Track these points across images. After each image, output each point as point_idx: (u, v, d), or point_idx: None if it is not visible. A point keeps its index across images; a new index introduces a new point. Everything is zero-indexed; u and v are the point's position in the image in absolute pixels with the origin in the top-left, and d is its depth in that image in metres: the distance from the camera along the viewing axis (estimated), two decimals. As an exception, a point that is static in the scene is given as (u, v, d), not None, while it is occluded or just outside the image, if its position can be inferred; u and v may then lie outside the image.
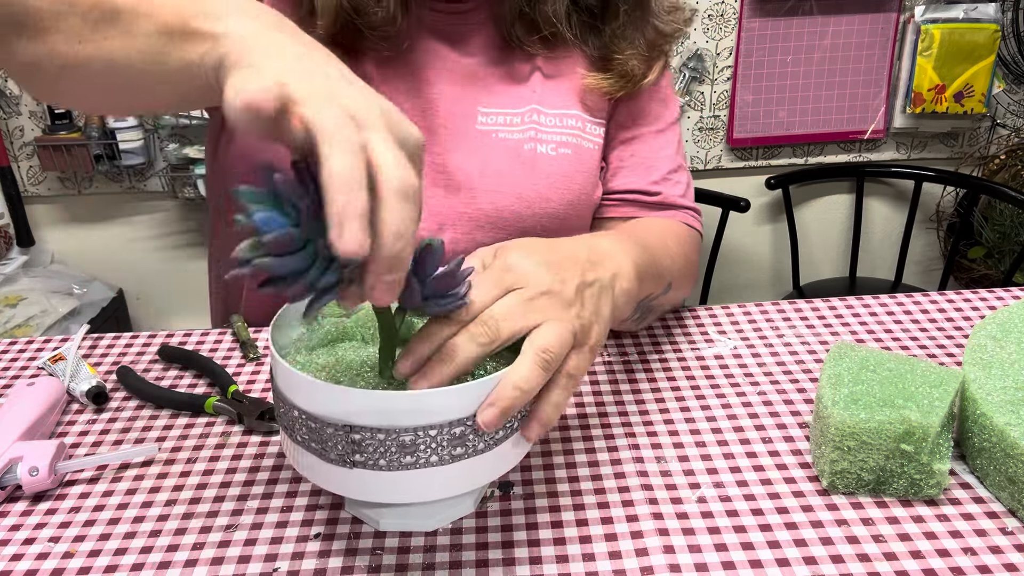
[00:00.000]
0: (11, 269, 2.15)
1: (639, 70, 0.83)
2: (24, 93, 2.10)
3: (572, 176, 0.82)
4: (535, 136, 0.82)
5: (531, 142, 0.81)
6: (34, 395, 0.71)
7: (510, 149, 0.81)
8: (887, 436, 0.59)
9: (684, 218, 0.88)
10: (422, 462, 0.51)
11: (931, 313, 0.85)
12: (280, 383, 0.54)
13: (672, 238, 0.81)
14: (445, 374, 0.52)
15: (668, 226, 0.84)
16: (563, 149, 0.82)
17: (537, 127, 0.82)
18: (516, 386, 0.51)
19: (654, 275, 0.71)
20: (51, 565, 0.57)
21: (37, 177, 2.19)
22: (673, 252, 0.78)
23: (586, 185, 0.83)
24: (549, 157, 0.81)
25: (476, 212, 0.81)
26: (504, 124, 0.82)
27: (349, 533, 0.59)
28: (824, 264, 2.42)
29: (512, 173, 0.81)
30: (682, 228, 0.86)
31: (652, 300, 0.74)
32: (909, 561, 0.55)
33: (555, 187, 0.81)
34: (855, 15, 2.10)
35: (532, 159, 0.81)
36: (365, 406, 0.50)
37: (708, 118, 2.20)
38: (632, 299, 0.65)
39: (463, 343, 0.52)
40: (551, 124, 0.82)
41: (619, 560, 0.56)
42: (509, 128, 0.82)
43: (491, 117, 0.82)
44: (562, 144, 0.82)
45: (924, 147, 2.28)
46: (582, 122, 0.83)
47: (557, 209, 0.81)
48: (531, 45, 0.82)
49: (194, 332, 0.86)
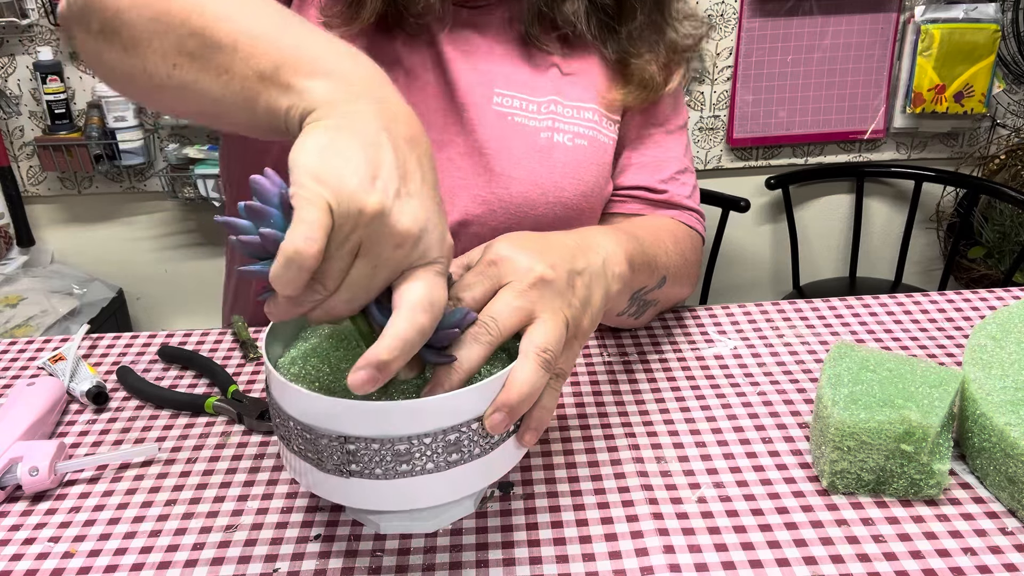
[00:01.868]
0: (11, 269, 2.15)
1: (659, 78, 0.83)
2: (24, 93, 2.10)
3: (587, 167, 0.82)
4: (552, 125, 0.82)
5: (548, 131, 0.82)
6: (34, 395, 0.71)
7: (527, 135, 0.82)
8: (887, 436, 0.59)
9: (686, 219, 0.88)
10: (418, 469, 0.51)
11: (931, 313, 0.86)
12: (275, 394, 0.54)
13: (669, 235, 0.81)
14: (455, 380, 0.52)
15: (666, 224, 0.85)
16: (579, 140, 0.82)
17: (555, 117, 0.82)
18: (522, 390, 0.51)
19: (646, 264, 0.71)
20: (51, 565, 0.57)
21: (37, 177, 2.19)
22: (669, 248, 0.78)
23: (599, 178, 0.83)
24: (565, 147, 0.82)
25: (490, 195, 0.80)
26: (521, 109, 0.82)
27: (349, 534, 0.59)
28: (824, 264, 2.42)
29: (528, 159, 0.81)
30: (681, 228, 0.86)
31: (646, 293, 0.74)
32: (909, 561, 0.55)
33: (570, 176, 0.81)
34: (855, 15, 2.10)
35: (549, 147, 0.81)
36: (359, 416, 0.50)
37: (708, 118, 2.20)
38: (626, 285, 0.65)
39: (467, 346, 0.52)
40: (569, 115, 0.83)
41: (619, 560, 0.56)
42: (526, 114, 0.82)
43: (507, 100, 0.82)
44: (579, 135, 0.82)
45: (924, 147, 2.28)
46: (599, 116, 0.84)
47: (571, 199, 0.82)
48: (549, 44, 0.83)
49: (194, 332, 0.86)
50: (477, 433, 0.52)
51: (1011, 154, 2.25)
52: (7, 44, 2.06)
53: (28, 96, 2.10)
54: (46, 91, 2.03)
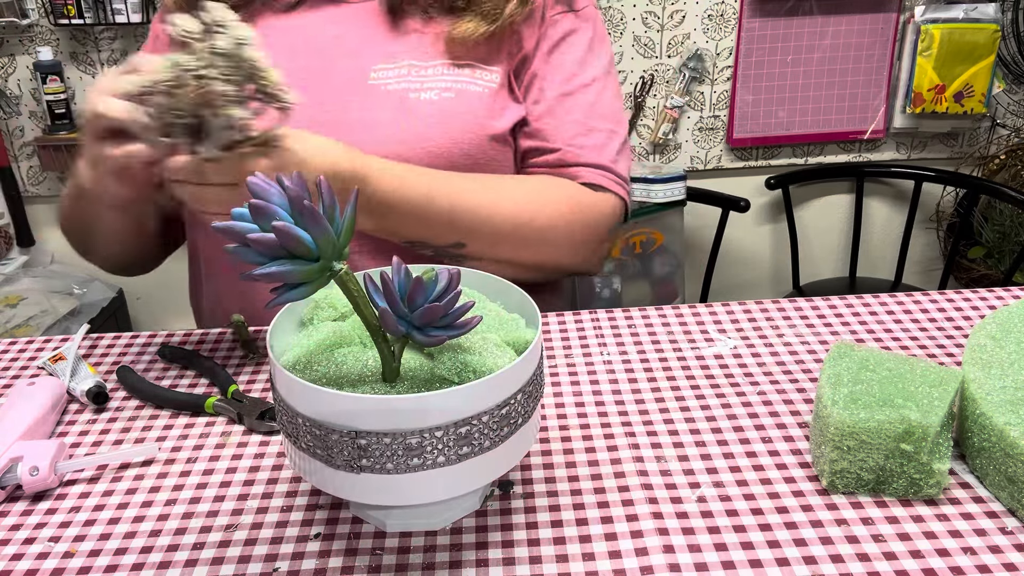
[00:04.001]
0: (11, 269, 2.15)
1: (497, 6, 0.89)
2: (24, 93, 2.10)
3: (453, 115, 0.87)
4: (420, 87, 0.88)
5: (416, 92, 0.88)
6: (34, 395, 0.71)
7: (394, 99, 0.88)
8: (887, 436, 0.59)
9: (588, 176, 0.91)
10: (429, 463, 0.51)
11: (931, 313, 0.86)
12: (282, 391, 0.54)
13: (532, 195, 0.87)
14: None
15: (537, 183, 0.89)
16: (446, 93, 0.88)
17: (420, 79, 0.89)
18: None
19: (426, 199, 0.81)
20: (51, 565, 0.57)
21: (37, 177, 2.19)
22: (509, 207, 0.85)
23: (471, 123, 0.88)
24: (431, 102, 0.88)
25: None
26: (393, 78, 0.89)
27: (349, 533, 0.59)
28: (824, 264, 2.42)
29: (394, 122, 0.87)
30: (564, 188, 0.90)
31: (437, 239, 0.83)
32: (909, 561, 0.55)
33: (435, 126, 0.87)
34: (855, 15, 2.11)
35: (414, 105, 0.88)
36: (370, 410, 0.50)
37: (708, 118, 2.20)
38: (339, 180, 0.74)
39: None
40: (431, 74, 0.89)
41: (619, 560, 0.56)
42: (396, 79, 0.89)
43: (381, 72, 0.90)
44: (445, 89, 0.89)
45: (924, 147, 2.28)
46: (454, 70, 0.90)
47: (440, 145, 0.86)
48: (411, 10, 0.92)
49: (194, 332, 0.86)
50: (487, 426, 0.52)
51: (1011, 154, 2.25)
52: (7, 44, 2.06)
53: (28, 96, 2.10)
54: (46, 91, 2.03)
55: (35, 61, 2.03)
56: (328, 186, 0.51)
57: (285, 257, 0.48)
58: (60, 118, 2.06)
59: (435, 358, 0.56)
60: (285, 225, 0.47)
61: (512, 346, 0.58)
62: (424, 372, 0.55)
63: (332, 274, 0.51)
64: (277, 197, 0.49)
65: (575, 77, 0.93)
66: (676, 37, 2.12)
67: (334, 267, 0.50)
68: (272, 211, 0.48)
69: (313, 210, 0.48)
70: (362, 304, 0.52)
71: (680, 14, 2.09)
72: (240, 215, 0.49)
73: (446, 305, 0.52)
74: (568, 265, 0.93)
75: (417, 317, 0.52)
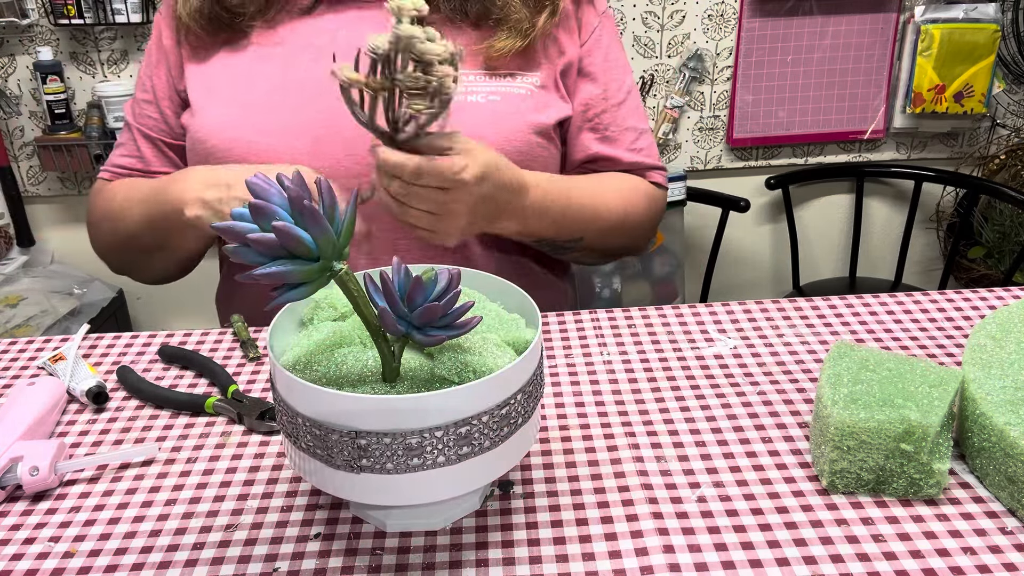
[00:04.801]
0: (11, 269, 2.15)
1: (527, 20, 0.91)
2: (24, 93, 2.10)
3: (503, 115, 0.91)
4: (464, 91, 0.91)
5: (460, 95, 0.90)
6: (34, 395, 0.71)
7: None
8: (887, 436, 0.59)
9: (656, 177, 1.00)
10: (429, 463, 0.51)
11: (931, 313, 0.86)
12: (283, 391, 0.54)
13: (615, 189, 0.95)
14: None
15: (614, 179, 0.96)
16: (492, 97, 0.92)
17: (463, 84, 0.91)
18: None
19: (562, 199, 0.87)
20: (51, 565, 0.57)
21: (37, 177, 2.19)
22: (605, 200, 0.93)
23: (520, 122, 0.91)
24: (478, 104, 0.91)
25: None
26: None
27: (349, 533, 0.59)
28: (824, 264, 2.42)
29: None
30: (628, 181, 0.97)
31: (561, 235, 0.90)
32: (909, 561, 0.55)
33: (486, 125, 0.89)
34: (855, 15, 2.10)
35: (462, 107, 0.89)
36: (370, 411, 0.50)
37: (708, 118, 2.20)
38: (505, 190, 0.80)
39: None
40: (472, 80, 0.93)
41: (619, 560, 0.56)
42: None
43: None
44: (491, 93, 0.92)
45: (924, 147, 2.28)
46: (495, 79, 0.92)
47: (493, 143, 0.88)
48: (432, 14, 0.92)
49: (194, 332, 0.86)
50: (487, 426, 0.52)
51: (1011, 154, 2.25)
52: (7, 44, 2.06)
53: (28, 96, 2.10)
54: (46, 91, 2.03)
55: (35, 61, 2.03)
56: (328, 186, 0.51)
57: (285, 257, 0.48)
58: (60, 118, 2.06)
59: (435, 358, 0.56)
60: (285, 225, 0.47)
61: (512, 346, 0.58)
62: (424, 372, 0.55)
63: (332, 274, 0.51)
64: (277, 197, 0.49)
65: (624, 82, 0.99)
66: (676, 37, 2.12)
67: (334, 267, 0.50)
68: (272, 211, 0.48)
69: (313, 210, 0.48)
70: (362, 304, 0.52)
71: (680, 14, 2.09)
72: (240, 215, 0.49)
73: (445, 305, 0.52)
74: (637, 250, 1.04)
75: (417, 317, 0.52)
